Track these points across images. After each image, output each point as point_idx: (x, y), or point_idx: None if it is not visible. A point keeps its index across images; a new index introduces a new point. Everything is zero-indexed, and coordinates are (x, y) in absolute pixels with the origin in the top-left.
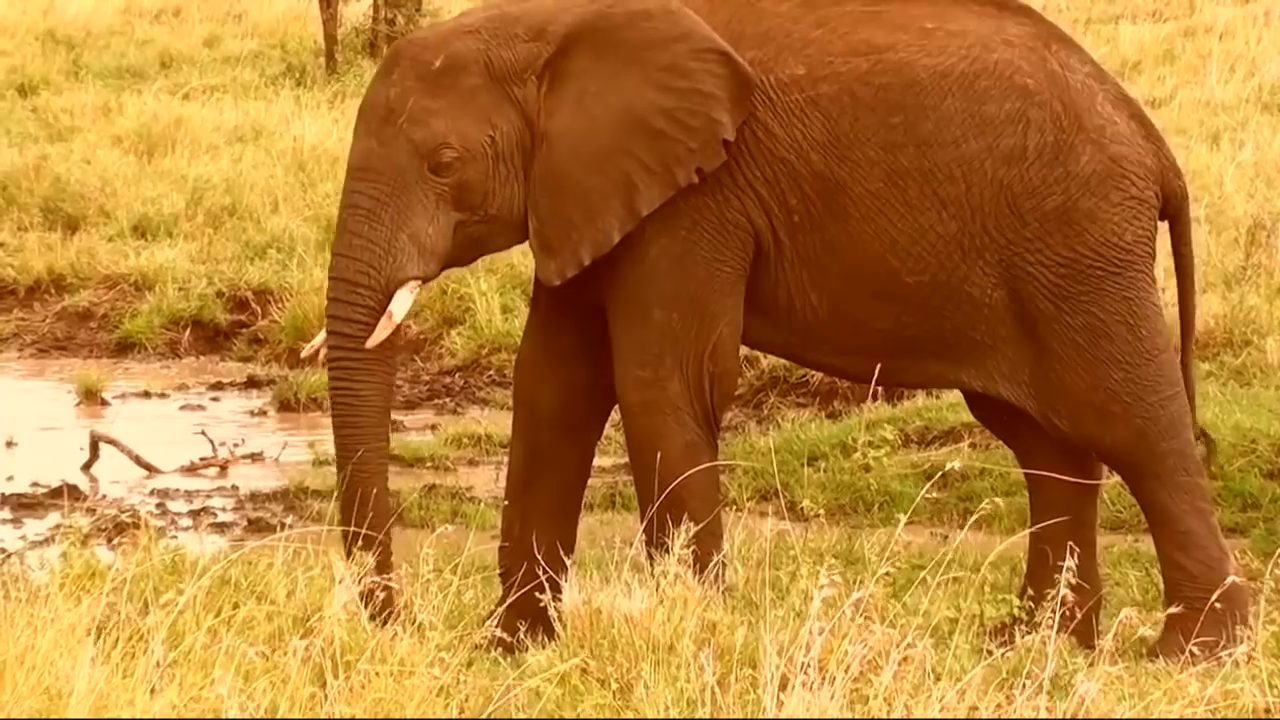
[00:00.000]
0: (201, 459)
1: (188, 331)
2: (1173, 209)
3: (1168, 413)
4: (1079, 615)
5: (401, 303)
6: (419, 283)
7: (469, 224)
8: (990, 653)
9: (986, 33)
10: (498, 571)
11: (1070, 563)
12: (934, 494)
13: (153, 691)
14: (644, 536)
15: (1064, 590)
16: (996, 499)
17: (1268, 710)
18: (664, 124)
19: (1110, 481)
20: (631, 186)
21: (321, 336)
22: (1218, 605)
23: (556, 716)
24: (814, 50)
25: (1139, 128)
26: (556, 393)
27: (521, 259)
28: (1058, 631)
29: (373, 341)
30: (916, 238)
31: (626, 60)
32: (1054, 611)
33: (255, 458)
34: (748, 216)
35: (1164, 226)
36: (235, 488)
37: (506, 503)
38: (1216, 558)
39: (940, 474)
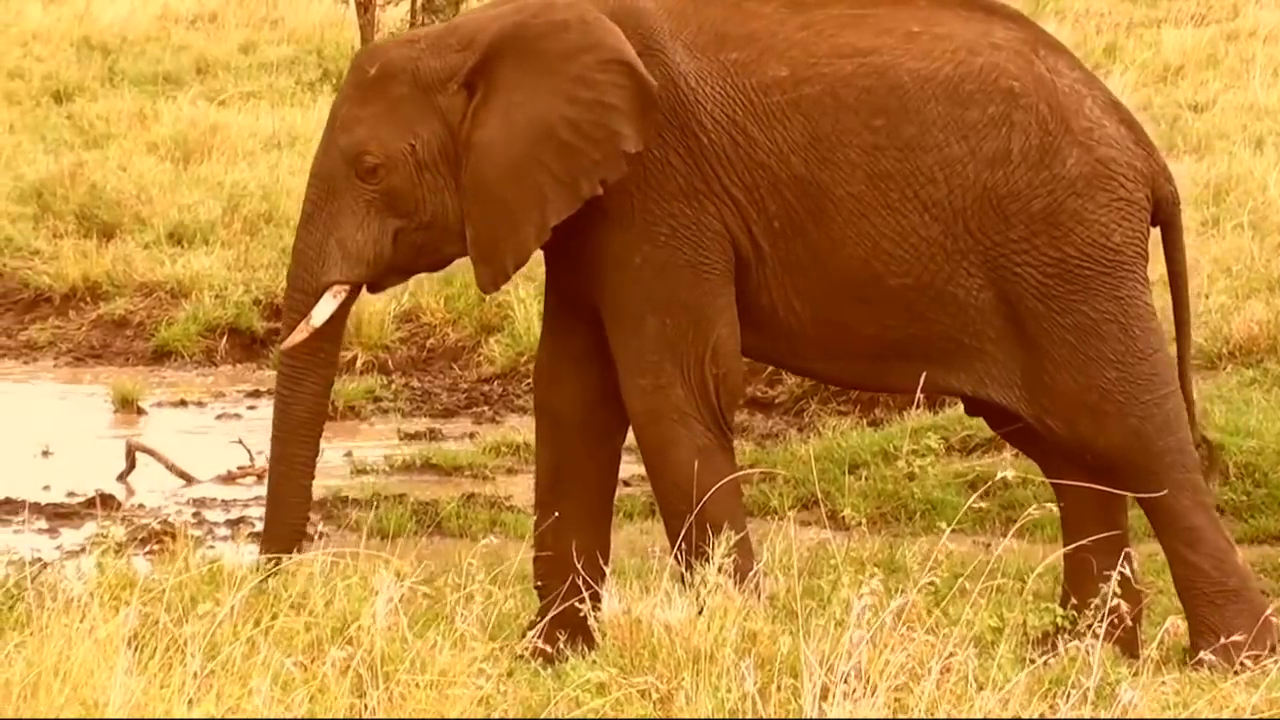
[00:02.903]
0: (239, 468)
1: (224, 339)
2: (1165, 214)
3: (1163, 411)
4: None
5: (321, 308)
6: (344, 288)
7: (408, 231)
8: (1033, 662)
9: (973, 37)
10: (534, 584)
11: (1114, 572)
12: (977, 502)
13: (190, 702)
14: (670, 545)
15: (1113, 600)
16: (1048, 505)
17: None
18: (570, 135)
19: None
20: (543, 197)
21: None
22: (1246, 613)
23: None
24: (798, 52)
25: (1129, 132)
26: (576, 397)
27: None
28: (1102, 640)
29: (287, 345)
30: (899, 240)
31: (543, 72)
32: (1097, 620)
33: None
34: (724, 224)
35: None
36: None
37: (537, 513)
38: (1224, 549)
39: (988, 485)
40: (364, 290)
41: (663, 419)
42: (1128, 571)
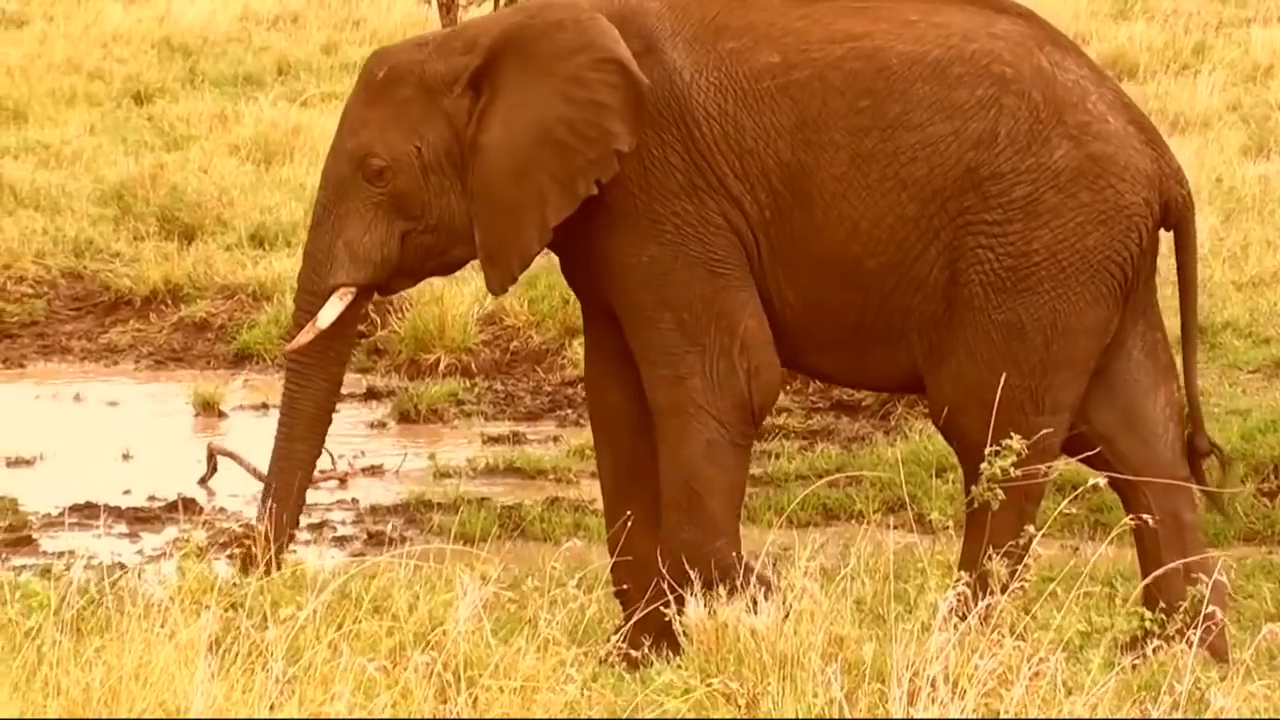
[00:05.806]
0: (320, 472)
1: None
2: (1174, 217)
3: (1045, 436)
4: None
5: (328, 310)
6: (350, 290)
7: (416, 233)
8: (1123, 667)
9: (972, 26)
10: (612, 590)
11: (1200, 574)
12: (1066, 507)
13: (272, 707)
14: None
15: (1208, 607)
16: (1144, 517)
17: None
18: (566, 135)
19: (1241, 491)
20: (543, 198)
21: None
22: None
23: None
24: (792, 39)
25: (1137, 132)
26: (624, 396)
27: None
28: (1185, 644)
29: (291, 347)
30: (876, 221)
31: (541, 72)
32: (1190, 624)
33: (375, 470)
34: (726, 218)
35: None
36: (355, 501)
37: (605, 517)
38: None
39: (1077, 490)
40: (375, 293)
41: (681, 411)
42: (1199, 568)
